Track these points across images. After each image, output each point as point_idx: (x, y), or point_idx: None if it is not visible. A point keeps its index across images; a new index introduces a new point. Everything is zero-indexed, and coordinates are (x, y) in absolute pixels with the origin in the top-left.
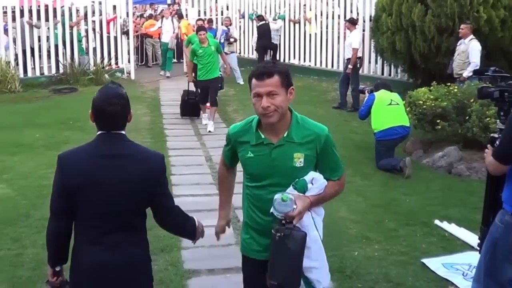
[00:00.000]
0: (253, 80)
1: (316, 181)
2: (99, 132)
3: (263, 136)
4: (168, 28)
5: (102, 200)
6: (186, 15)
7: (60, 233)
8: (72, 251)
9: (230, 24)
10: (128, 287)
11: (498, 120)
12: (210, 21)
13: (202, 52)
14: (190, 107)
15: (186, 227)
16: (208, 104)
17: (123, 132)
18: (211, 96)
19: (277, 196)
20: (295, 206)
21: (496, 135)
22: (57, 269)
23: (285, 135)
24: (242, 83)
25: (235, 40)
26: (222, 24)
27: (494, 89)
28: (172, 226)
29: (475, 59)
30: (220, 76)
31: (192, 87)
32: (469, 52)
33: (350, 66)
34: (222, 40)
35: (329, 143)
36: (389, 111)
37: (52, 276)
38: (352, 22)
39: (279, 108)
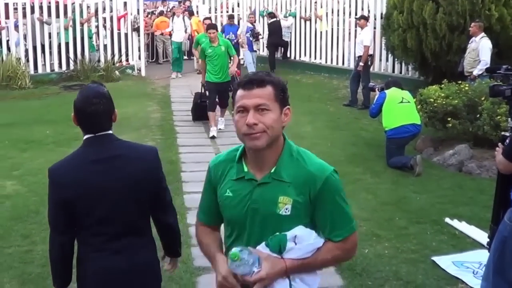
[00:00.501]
0: (239, 91)
1: (301, 240)
2: (85, 137)
3: (245, 170)
4: (179, 26)
5: (103, 206)
6: (197, 12)
7: (66, 249)
8: (76, 261)
9: (255, 21)
10: None
11: (509, 118)
12: (231, 17)
13: (211, 52)
14: (203, 111)
15: (178, 232)
16: (218, 114)
17: (110, 132)
18: (223, 100)
19: (232, 250)
20: (256, 269)
21: (507, 134)
22: None
23: (272, 170)
24: (254, 69)
25: (261, 36)
26: (246, 21)
27: (506, 87)
28: (169, 225)
29: (485, 57)
30: (232, 78)
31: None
32: (479, 50)
33: (361, 64)
34: (250, 38)
35: (331, 189)
36: (400, 109)
37: None
38: (366, 19)
39: (269, 129)
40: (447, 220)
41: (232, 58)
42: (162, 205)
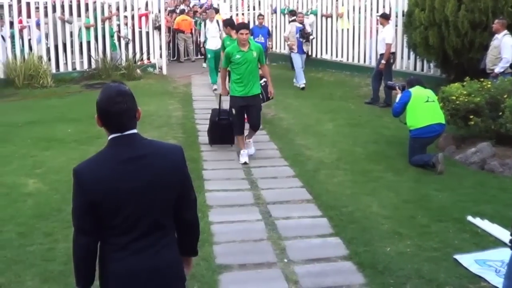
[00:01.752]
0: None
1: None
2: (111, 136)
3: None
4: (213, 32)
5: (129, 206)
6: (218, 10)
7: (90, 250)
8: (99, 261)
9: (303, 21)
10: None
11: None
12: (260, 16)
13: (240, 58)
14: (223, 132)
15: (199, 231)
16: (246, 136)
17: (135, 131)
18: (253, 119)
19: None
20: None
21: None
22: None
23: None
24: (304, 86)
25: (312, 36)
26: (294, 21)
27: None
28: (191, 222)
29: (507, 55)
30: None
31: (225, 103)
32: (502, 47)
33: (383, 62)
34: (301, 39)
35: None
36: (426, 108)
37: None
38: (385, 17)
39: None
40: (469, 218)
41: (261, 68)
42: (187, 203)
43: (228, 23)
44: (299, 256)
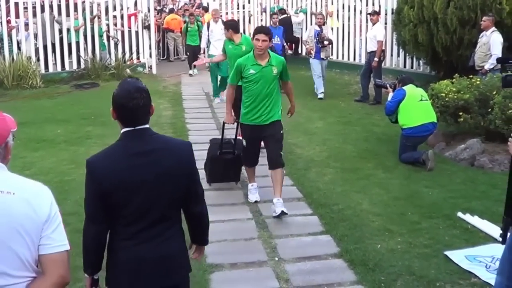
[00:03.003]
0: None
1: None
2: (124, 130)
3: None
4: (218, 35)
5: (139, 197)
6: (207, 9)
7: (100, 238)
8: (108, 250)
9: (324, 23)
10: (167, 280)
11: None
12: (274, 15)
13: (255, 74)
14: (225, 167)
15: (207, 222)
16: (273, 193)
17: (147, 126)
18: (272, 153)
19: None
20: None
21: None
22: (96, 277)
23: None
24: (322, 96)
25: (330, 43)
26: (312, 24)
27: None
28: (199, 215)
29: (497, 51)
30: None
31: (228, 132)
32: (491, 44)
33: (376, 59)
34: (318, 44)
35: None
36: (420, 107)
37: (91, 286)
38: (376, 14)
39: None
40: (460, 214)
41: (283, 85)
42: (194, 196)
43: (230, 25)
44: (290, 254)
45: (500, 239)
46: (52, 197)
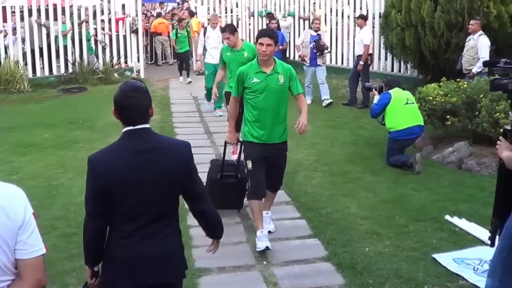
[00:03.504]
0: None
1: None
2: (125, 129)
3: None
4: (215, 43)
5: (138, 195)
6: (196, 13)
7: (100, 233)
8: (105, 246)
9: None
10: (164, 277)
11: (510, 112)
12: (271, 18)
13: (259, 83)
14: (226, 193)
15: (216, 218)
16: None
17: (148, 126)
18: (274, 179)
19: None
20: None
21: (508, 127)
22: (96, 269)
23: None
24: (310, 102)
25: (328, 50)
26: (310, 28)
27: (508, 80)
28: (203, 213)
29: (484, 55)
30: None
31: (228, 152)
32: (478, 47)
33: (361, 63)
34: (314, 50)
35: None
36: (406, 110)
37: (91, 277)
38: (363, 18)
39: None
40: (447, 217)
41: (295, 100)
42: (195, 196)
43: (233, 28)
44: (278, 258)
45: (489, 241)
46: (26, 200)
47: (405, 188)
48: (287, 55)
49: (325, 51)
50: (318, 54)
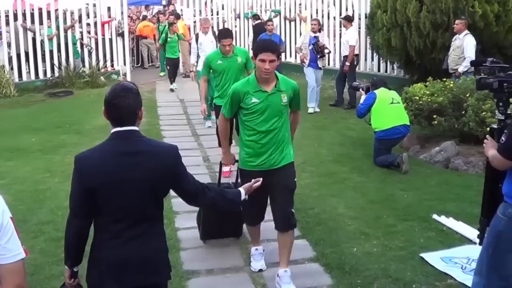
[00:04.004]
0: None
1: None
2: (113, 130)
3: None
4: (209, 49)
5: (122, 197)
6: (181, 15)
7: (82, 232)
8: (91, 246)
9: (320, 30)
10: (149, 278)
11: (497, 111)
12: (269, 21)
13: (258, 103)
14: (223, 220)
15: (220, 202)
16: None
17: (136, 128)
18: (281, 208)
19: None
20: None
21: (495, 126)
22: (75, 269)
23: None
24: (312, 111)
25: (329, 52)
26: (305, 31)
27: (493, 79)
28: (205, 204)
29: (470, 54)
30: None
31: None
32: (464, 47)
33: (347, 64)
34: (314, 52)
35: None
36: (391, 110)
37: (70, 278)
38: (348, 20)
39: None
40: (435, 216)
41: (293, 114)
42: (188, 194)
43: (230, 34)
44: (266, 259)
45: (477, 240)
46: (3, 204)
47: (393, 188)
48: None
49: (325, 51)
50: (318, 56)
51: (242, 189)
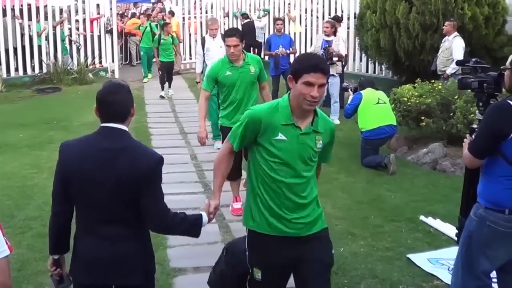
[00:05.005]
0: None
1: None
2: (101, 125)
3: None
4: (217, 55)
5: (91, 191)
6: (174, 13)
7: (59, 218)
8: (73, 240)
9: (335, 33)
10: (120, 279)
11: (477, 111)
12: (278, 21)
13: (286, 141)
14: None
15: (176, 229)
16: None
17: (125, 128)
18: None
19: None
20: None
21: (475, 126)
22: (55, 257)
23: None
24: (338, 122)
25: (340, 58)
26: (319, 32)
27: (473, 79)
28: (162, 230)
29: (458, 56)
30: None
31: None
32: (453, 49)
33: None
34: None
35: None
36: (377, 110)
37: (51, 265)
38: (337, 20)
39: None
40: (422, 217)
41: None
42: (151, 214)
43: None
44: None
45: (457, 238)
46: None
47: (380, 188)
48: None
49: (334, 58)
50: (328, 62)
51: (203, 212)
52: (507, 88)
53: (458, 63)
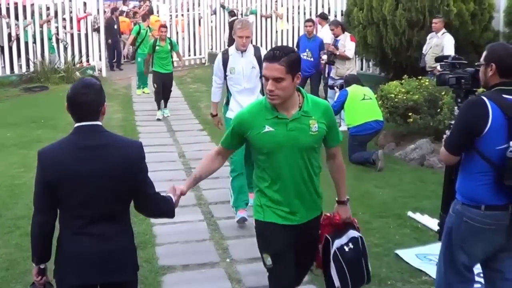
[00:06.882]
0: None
1: None
2: (75, 125)
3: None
4: (244, 81)
5: (83, 191)
6: (158, 11)
7: (45, 228)
8: (57, 242)
9: (344, 32)
10: (112, 276)
11: (455, 107)
12: (310, 21)
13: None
14: None
15: (165, 210)
16: None
17: (99, 123)
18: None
19: None
20: None
21: (452, 122)
22: (42, 266)
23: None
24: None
25: (333, 61)
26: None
27: (451, 75)
28: (153, 212)
29: (450, 53)
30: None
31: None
32: (444, 45)
33: (322, 62)
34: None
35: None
36: (362, 106)
37: (37, 275)
38: (324, 17)
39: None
40: (410, 213)
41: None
42: (143, 198)
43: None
44: (242, 255)
45: (438, 234)
46: None
47: (368, 185)
48: None
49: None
50: (324, 63)
51: (170, 194)
52: (482, 84)
53: (437, 59)
